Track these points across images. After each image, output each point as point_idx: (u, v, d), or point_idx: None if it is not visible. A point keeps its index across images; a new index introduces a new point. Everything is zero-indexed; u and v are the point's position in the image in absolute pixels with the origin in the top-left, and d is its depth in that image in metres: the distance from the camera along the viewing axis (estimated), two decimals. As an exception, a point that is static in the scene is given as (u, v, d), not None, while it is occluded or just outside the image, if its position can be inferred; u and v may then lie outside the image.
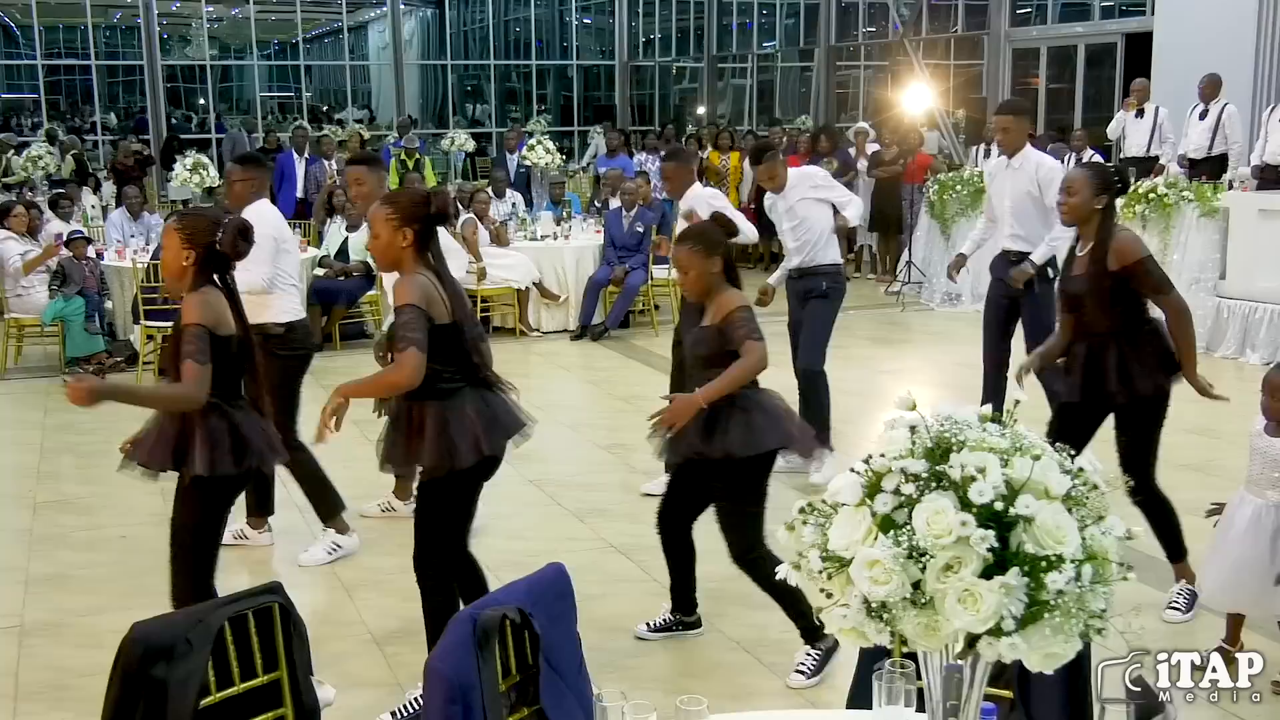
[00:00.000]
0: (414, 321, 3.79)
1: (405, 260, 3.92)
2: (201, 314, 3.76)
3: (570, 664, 2.89)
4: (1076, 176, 4.71)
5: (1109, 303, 4.59)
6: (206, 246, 3.83)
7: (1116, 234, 4.63)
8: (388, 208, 3.94)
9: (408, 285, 3.86)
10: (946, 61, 19.26)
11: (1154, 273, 4.61)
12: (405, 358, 3.77)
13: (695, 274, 4.33)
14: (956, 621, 1.63)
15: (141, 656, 2.58)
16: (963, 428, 1.72)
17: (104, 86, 27.41)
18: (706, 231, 4.46)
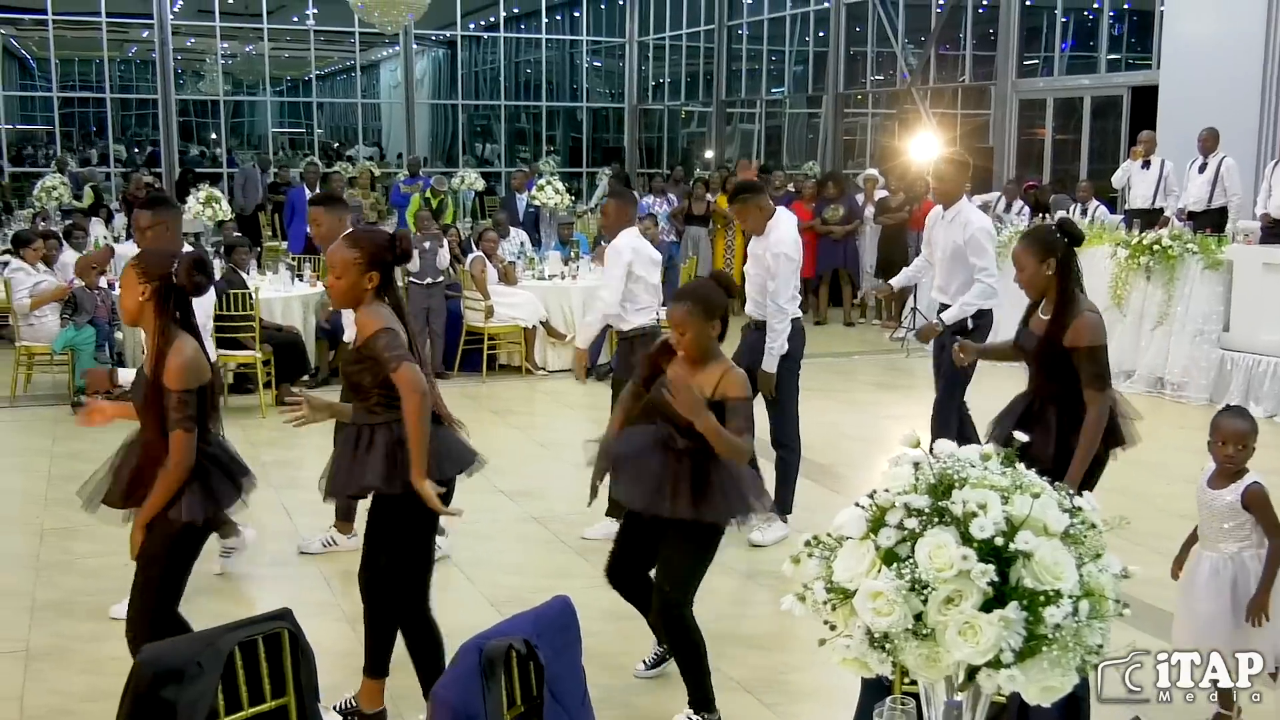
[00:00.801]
0: (395, 340, 3.84)
1: (366, 300, 3.98)
2: (185, 378, 3.76)
3: (574, 696, 2.93)
4: (1019, 252, 4.66)
5: (1055, 371, 4.59)
6: (162, 279, 3.83)
7: (1082, 311, 4.57)
8: (354, 251, 3.96)
9: (374, 313, 3.92)
10: (954, 110, 19.42)
11: (1100, 363, 4.55)
12: (403, 372, 3.82)
13: (692, 336, 4.16)
14: (957, 653, 1.67)
15: (152, 678, 2.62)
16: (964, 465, 1.77)
17: (117, 119, 27.64)
18: (706, 292, 4.26)
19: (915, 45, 19.54)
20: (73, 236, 11.22)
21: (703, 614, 5.44)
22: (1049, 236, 4.65)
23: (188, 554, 3.94)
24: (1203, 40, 13.48)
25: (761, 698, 4.64)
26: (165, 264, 3.85)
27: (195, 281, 3.85)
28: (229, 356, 9.42)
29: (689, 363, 4.21)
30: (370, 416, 3.97)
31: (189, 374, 3.77)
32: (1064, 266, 4.59)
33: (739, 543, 6.39)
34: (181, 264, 3.84)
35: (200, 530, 3.92)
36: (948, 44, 19.28)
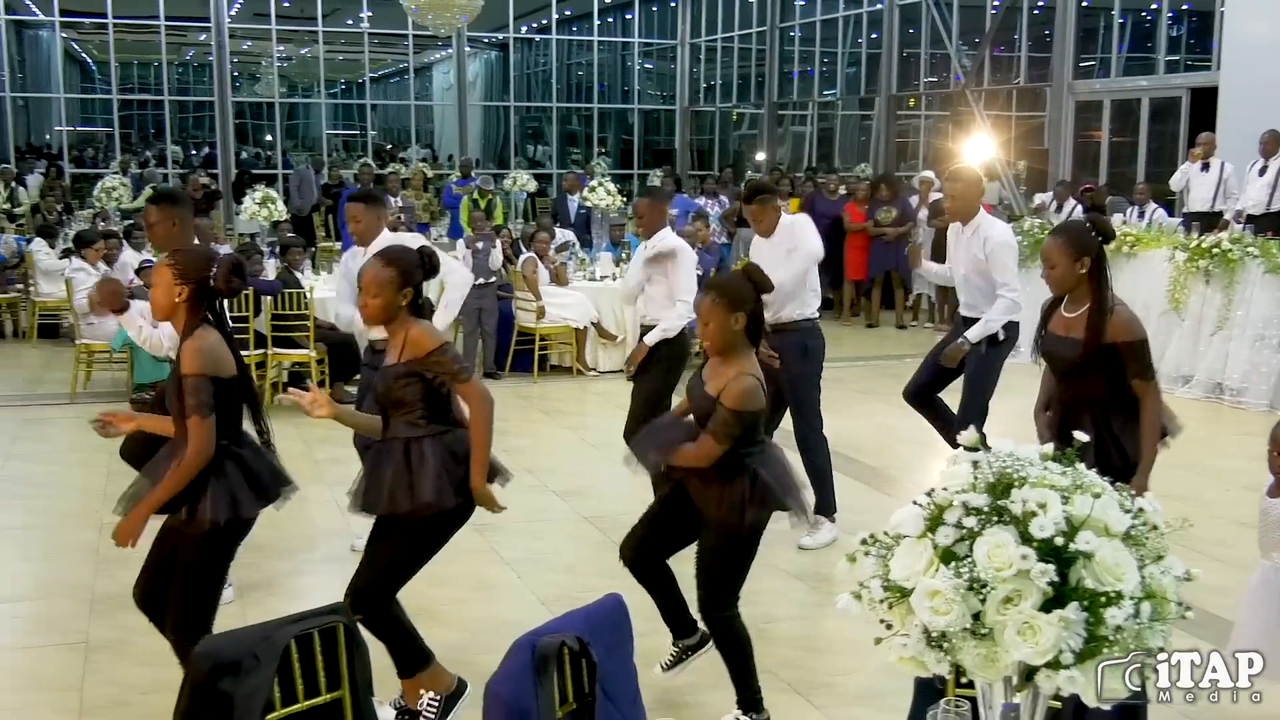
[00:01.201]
0: (458, 353, 3.97)
1: (400, 317, 3.97)
2: (201, 363, 3.75)
3: (626, 694, 2.93)
4: (1052, 248, 4.53)
5: (1099, 372, 4.48)
6: (199, 282, 3.83)
7: (1117, 309, 4.51)
8: (389, 269, 3.98)
9: (425, 327, 3.96)
10: (1008, 113, 19.26)
11: (1144, 356, 4.49)
12: (474, 385, 3.92)
13: (715, 327, 4.10)
14: (1015, 653, 1.66)
15: (210, 671, 2.65)
16: (1024, 464, 1.76)
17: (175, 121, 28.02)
18: (733, 284, 4.21)
19: (969, 46, 19.40)
20: (133, 236, 11.37)
21: (753, 615, 5.43)
22: (1084, 234, 4.53)
23: (221, 557, 3.93)
24: (1264, 41, 13.29)
25: (812, 699, 4.62)
26: (204, 266, 3.84)
27: (232, 286, 3.87)
28: (283, 355, 9.53)
29: (714, 354, 4.20)
30: (414, 429, 3.97)
31: (204, 359, 3.75)
32: (1097, 265, 4.49)
33: (789, 544, 6.38)
34: (221, 267, 3.85)
35: (230, 533, 3.87)
36: (1003, 45, 19.12)
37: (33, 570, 6.00)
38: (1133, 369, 4.46)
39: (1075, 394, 4.55)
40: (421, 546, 4.11)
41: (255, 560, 5.95)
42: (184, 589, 3.88)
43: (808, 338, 6.44)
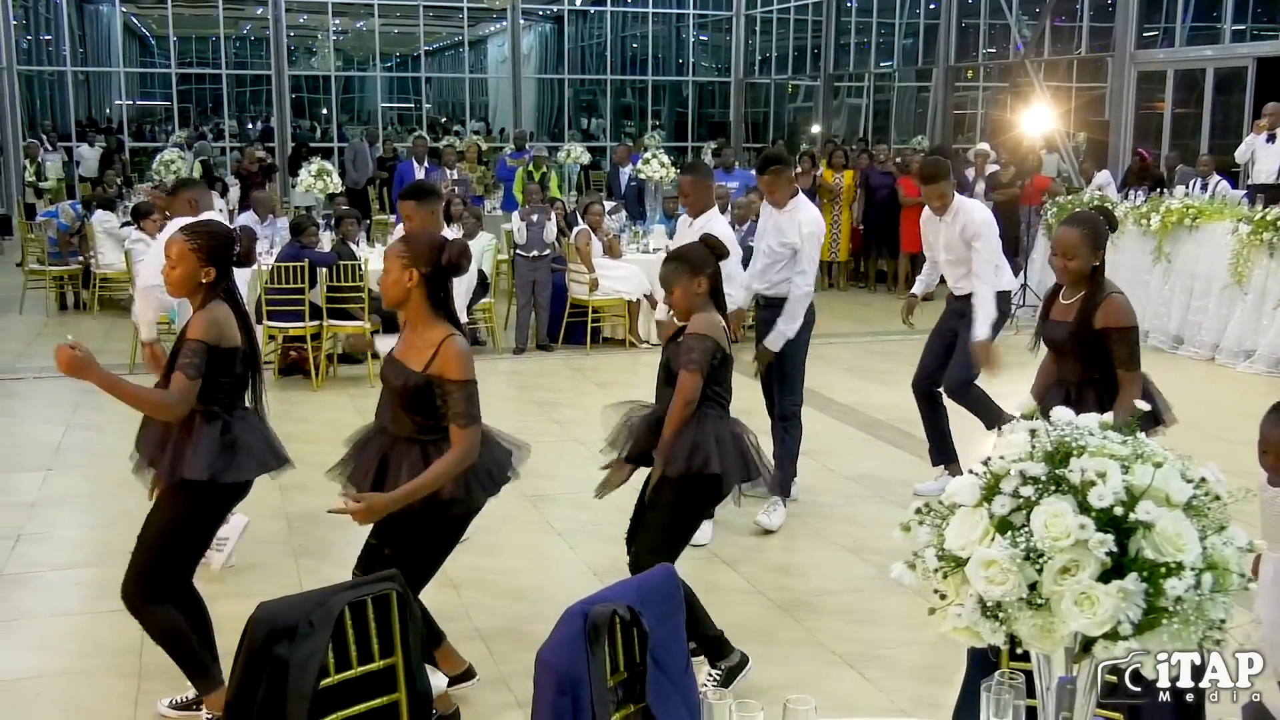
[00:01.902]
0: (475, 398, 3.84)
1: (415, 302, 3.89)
2: (205, 331, 3.77)
3: (677, 664, 2.93)
4: (1073, 240, 4.52)
5: (1091, 355, 4.53)
6: (223, 261, 3.84)
7: (1110, 294, 4.54)
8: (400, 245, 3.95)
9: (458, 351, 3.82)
10: (1068, 84, 18.97)
11: (1133, 345, 4.52)
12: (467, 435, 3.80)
13: (679, 292, 4.32)
14: (1073, 624, 1.64)
15: (266, 636, 2.68)
16: (1083, 433, 1.73)
17: (232, 95, 28.26)
18: (692, 251, 4.41)
19: (1030, 16, 19.10)
20: (190, 209, 11.49)
21: (804, 588, 5.44)
22: (1102, 226, 4.60)
23: (200, 521, 3.92)
24: (1334, 8, 12.98)
25: (864, 672, 4.61)
26: (229, 245, 3.86)
27: (252, 253, 3.95)
28: (338, 327, 9.59)
29: (681, 319, 4.38)
30: (429, 434, 3.87)
31: (209, 327, 3.77)
32: (1103, 255, 4.57)
33: (840, 518, 6.36)
34: (244, 243, 3.89)
35: (212, 498, 3.87)
36: (1064, 15, 18.81)
37: (94, 537, 6.10)
38: (1119, 356, 4.50)
39: (1077, 375, 4.61)
40: (442, 544, 4.04)
41: (310, 529, 6.02)
42: (153, 541, 3.89)
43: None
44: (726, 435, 4.28)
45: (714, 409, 4.31)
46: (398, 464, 3.87)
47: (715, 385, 4.30)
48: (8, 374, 9.37)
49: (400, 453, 3.87)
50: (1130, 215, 11.36)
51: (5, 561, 5.65)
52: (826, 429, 8.22)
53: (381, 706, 2.92)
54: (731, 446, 4.27)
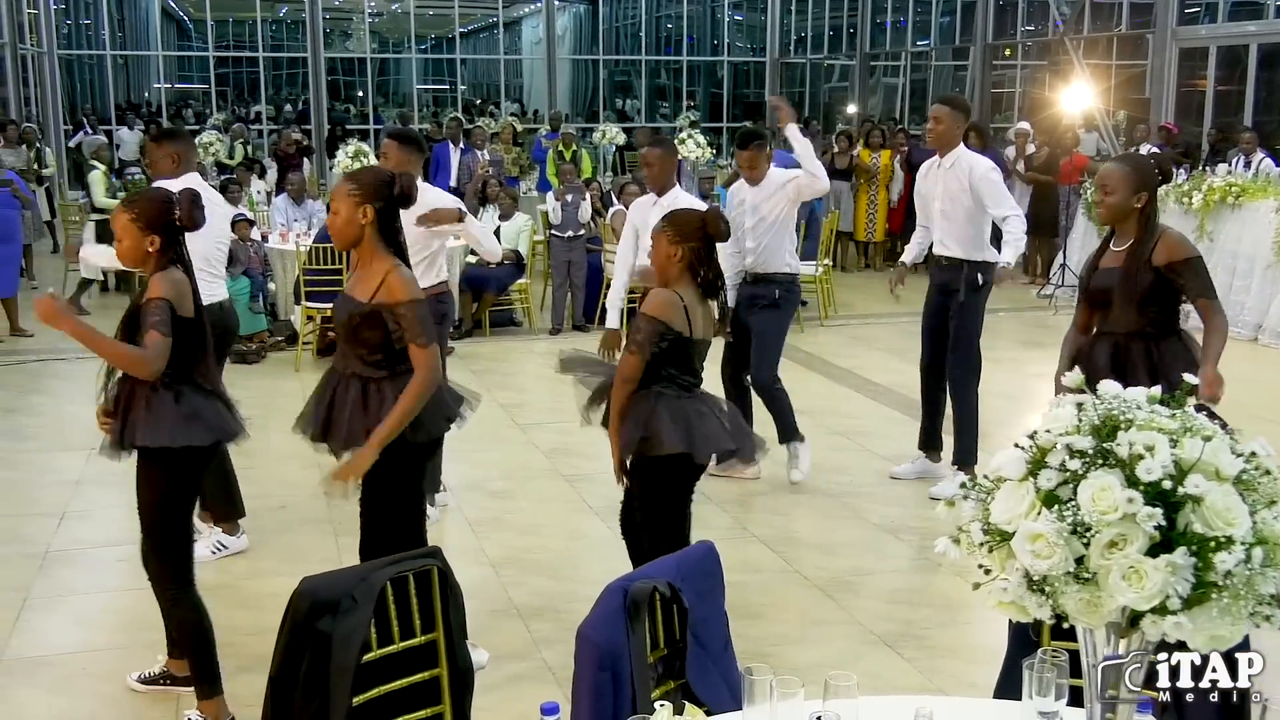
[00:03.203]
0: (428, 316, 3.83)
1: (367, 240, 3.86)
2: (165, 289, 3.73)
3: (717, 641, 2.93)
4: (1113, 172, 4.38)
5: (1145, 300, 4.35)
6: (165, 227, 3.79)
7: (1166, 230, 4.39)
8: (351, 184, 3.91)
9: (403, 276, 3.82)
10: (1108, 61, 18.75)
11: (1203, 274, 4.36)
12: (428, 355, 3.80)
13: (656, 253, 4.14)
14: (1120, 598, 1.62)
15: (309, 609, 2.70)
16: (1131, 407, 1.71)
17: (269, 78, 28.39)
18: (683, 217, 4.20)
19: (1069, -7, 18.89)
20: (229, 191, 11.55)
21: (841, 568, 5.44)
22: (1148, 168, 4.42)
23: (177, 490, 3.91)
24: (1381, -18, 12.76)
25: (902, 652, 4.60)
26: (167, 210, 3.80)
27: (195, 219, 3.82)
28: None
29: (658, 284, 4.20)
30: (374, 370, 3.85)
31: (169, 287, 3.74)
32: (1151, 202, 4.37)
33: (877, 498, 6.34)
34: (183, 205, 3.80)
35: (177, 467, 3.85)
36: (1103, -9, 18.59)
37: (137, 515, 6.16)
38: (1193, 288, 4.33)
39: (1127, 326, 4.40)
40: (403, 482, 3.99)
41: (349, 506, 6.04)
42: (148, 527, 3.93)
43: (784, 289, 6.34)
44: (686, 412, 4.09)
45: (668, 388, 4.09)
46: (342, 400, 3.88)
47: (669, 366, 4.08)
48: (51, 354, 9.47)
49: (344, 389, 3.89)
50: (1172, 193, 11.23)
51: (50, 539, 5.72)
52: (864, 410, 8.20)
53: (422, 682, 2.94)
54: (694, 423, 4.08)
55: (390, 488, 3.94)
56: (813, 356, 9.69)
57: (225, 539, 5.59)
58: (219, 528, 5.60)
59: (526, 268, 11.14)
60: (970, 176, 6.09)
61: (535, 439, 7.45)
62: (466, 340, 10.40)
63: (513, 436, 7.58)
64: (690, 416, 4.09)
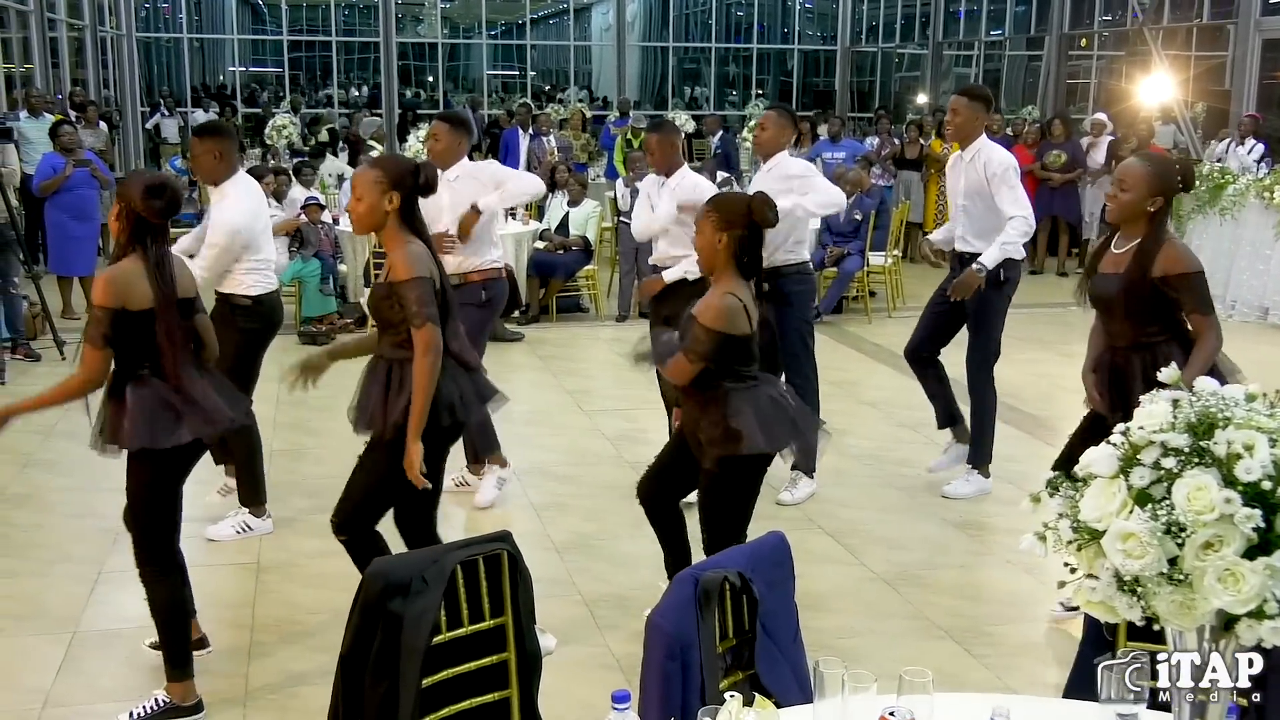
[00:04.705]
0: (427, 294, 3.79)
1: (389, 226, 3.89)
2: (106, 295, 3.68)
3: (786, 632, 2.91)
4: (1133, 170, 4.23)
5: (1145, 316, 4.22)
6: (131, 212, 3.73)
7: (1170, 240, 4.22)
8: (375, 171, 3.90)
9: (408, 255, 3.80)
10: (1187, 52, 18.38)
11: (1200, 289, 4.19)
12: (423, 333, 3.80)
13: (701, 239, 4.04)
14: (1215, 601, 1.58)
15: (381, 591, 2.71)
16: (1229, 405, 1.66)
17: (341, 62, 28.64)
18: (729, 202, 4.09)
19: (1148, -17, 18.55)
20: (301, 174, 11.68)
21: (911, 562, 5.38)
22: (1170, 172, 4.27)
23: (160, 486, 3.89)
24: None
25: (971, 649, 4.54)
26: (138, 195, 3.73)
27: (151, 207, 3.71)
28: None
29: (705, 272, 4.13)
30: (399, 352, 3.85)
31: (106, 290, 3.68)
32: (1166, 207, 4.23)
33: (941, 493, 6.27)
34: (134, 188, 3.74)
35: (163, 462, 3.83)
36: (1184, -19, 18.22)
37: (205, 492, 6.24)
38: (1189, 302, 4.18)
39: (1124, 337, 4.29)
40: (438, 456, 3.98)
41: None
42: (131, 516, 3.94)
43: (793, 284, 6.06)
44: (763, 403, 4.02)
45: (739, 384, 4.01)
46: (373, 384, 3.93)
47: (733, 364, 4.00)
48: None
49: (379, 372, 3.91)
50: (1252, 188, 11.00)
51: (124, 514, 5.81)
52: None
53: (490, 665, 2.95)
54: (772, 416, 4.01)
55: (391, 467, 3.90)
56: (881, 348, 9.61)
57: (251, 521, 5.62)
58: (246, 509, 5.63)
59: (594, 254, 11.15)
60: (987, 169, 5.92)
61: (600, 425, 7.46)
62: (533, 325, 10.43)
63: (578, 422, 7.59)
64: (766, 409, 4.03)
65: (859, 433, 7.39)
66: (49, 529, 5.67)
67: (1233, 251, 11.20)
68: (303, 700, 4.08)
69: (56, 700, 4.09)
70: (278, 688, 4.21)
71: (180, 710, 3.96)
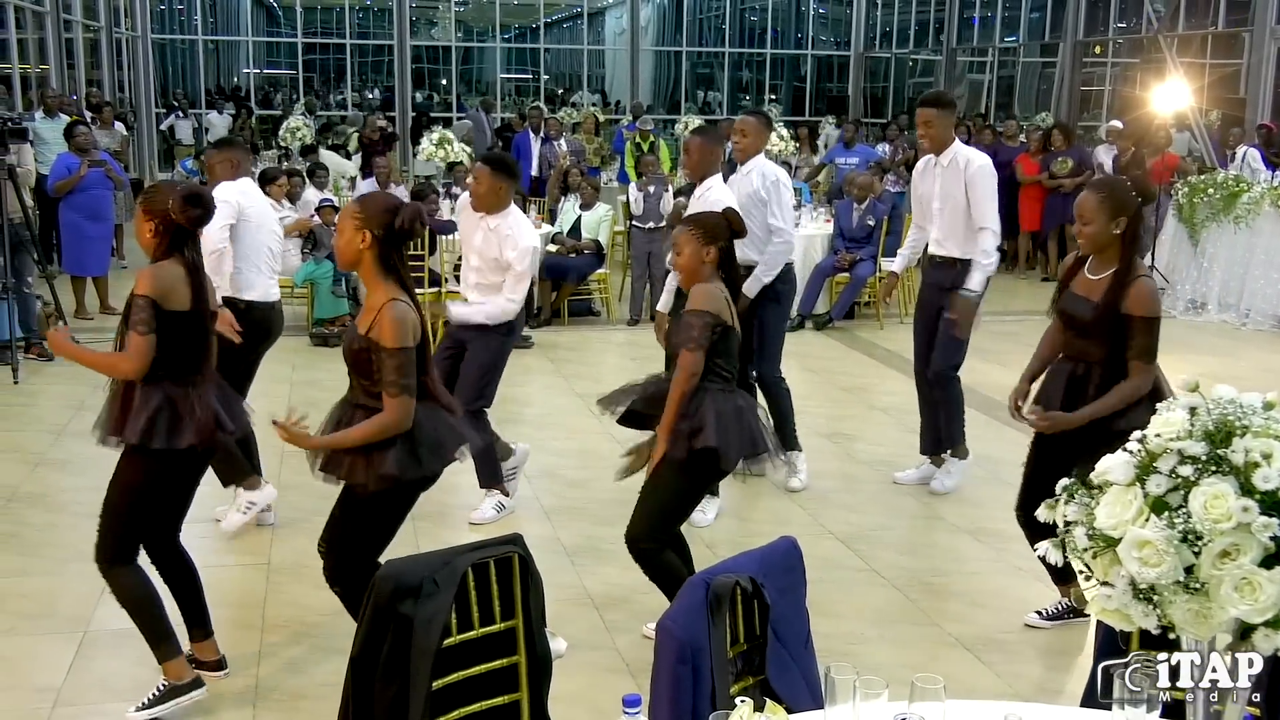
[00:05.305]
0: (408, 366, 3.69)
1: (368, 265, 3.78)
2: (150, 286, 3.73)
3: (797, 638, 2.90)
4: (1087, 202, 4.30)
5: (1113, 337, 4.29)
6: (164, 216, 3.78)
7: (1140, 279, 4.29)
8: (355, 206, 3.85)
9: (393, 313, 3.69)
10: (1201, 60, 18.34)
11: (1151, 335, 4.27)
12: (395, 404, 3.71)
13: (688, 256, 4.25)
14: (1231, 610, 1.57)
15: (392, 592, 2.71)
16: (1247, 413, 1.65)
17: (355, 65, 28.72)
18: (710, 219, 4.34)
19: (1164, -10, 18.52)
20: (315, 175, 11.70)
21: (920, 568, 5.37)
22: (1124, 193, 4.31)
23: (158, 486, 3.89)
24: None
25: (981, 656, 4.53)
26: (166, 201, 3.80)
27: (189, 216, 3.79)
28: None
29: (686, 286, 4.31)
30: (371, 401, 3.75)
31: (154, 283, 3.74)
32: (1133, 227, 4.28)
33: (957, 499, 6.26)
34: (175, 199, 3.79)
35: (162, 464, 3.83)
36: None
37: (218, 492, 6.24)
38: (1136, 346, 4.27)
39: (1086, 355, 4.39)
40: (387, 517, 3.90)
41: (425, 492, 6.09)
42: (114, 506, 3.88)
43: (777, 282, 6.08)
44: (728, 409, 4.19)
45: (715, 382, 4.20)
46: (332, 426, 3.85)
47: (717, 358, 4.20)
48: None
49: (348, 418, 3.80)
50: (1268, 196, 10.96)
51: (136, 514, 5.82)
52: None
53: (501, 668, 2.95)
54: (733, 420, 4.18)
55: (367, 518, 3.85)
56: (892, 354, 9.59)
57: (253, 497, 5.59)
58: (240, 489, 5.58)
59: (606, 258, 11.15)
60: (966, 171, 5.92)
61: (611, 429, 7.40)
62: (545, 329, 10.43)
63: (589, 426, 7.58)
64: (734, 413, 4.20)
65: (870, 438, 7.38)
66: (61, 528, 5.68)
67: (1247, 260, 11.16)
68: (312, 702, 4.08)
69: (67, 699, 4.10)
70: (287, 689, 4.21)
71: (179, 689, 3.95)
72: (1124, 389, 4.27)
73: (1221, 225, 11.38)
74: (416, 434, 3.74)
